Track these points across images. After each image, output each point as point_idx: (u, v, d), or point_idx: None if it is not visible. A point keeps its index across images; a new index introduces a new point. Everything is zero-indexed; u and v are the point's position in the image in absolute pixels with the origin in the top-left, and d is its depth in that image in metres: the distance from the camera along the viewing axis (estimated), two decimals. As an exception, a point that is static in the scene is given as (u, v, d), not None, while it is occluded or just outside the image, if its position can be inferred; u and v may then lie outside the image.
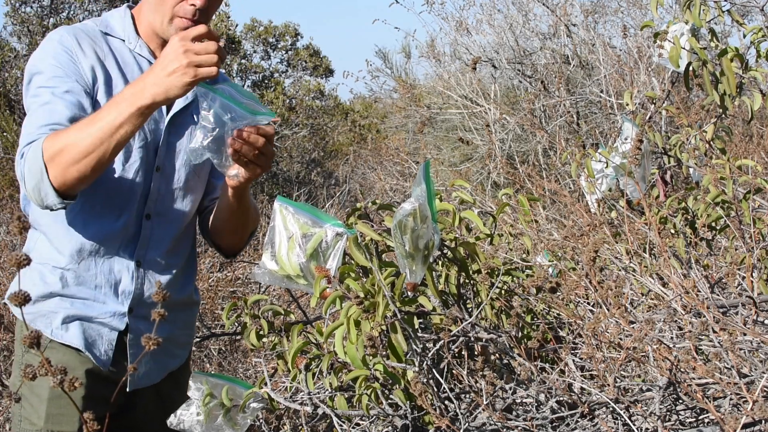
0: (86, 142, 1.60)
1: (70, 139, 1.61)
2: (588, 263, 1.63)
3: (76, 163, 1.61)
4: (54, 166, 1.61)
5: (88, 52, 1.77)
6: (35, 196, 1.65)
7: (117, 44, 1.83)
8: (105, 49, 1.80)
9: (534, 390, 1.58)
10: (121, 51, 1.83)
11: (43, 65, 1.74)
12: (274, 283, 1.66)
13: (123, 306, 1.81)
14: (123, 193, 1.80)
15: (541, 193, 4.29)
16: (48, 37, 1.79)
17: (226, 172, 1.72)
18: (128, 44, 1.83)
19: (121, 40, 1.83)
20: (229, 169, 1.70)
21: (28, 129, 1.69)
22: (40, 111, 1.70)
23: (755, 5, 3.50)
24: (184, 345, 1.98)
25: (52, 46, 1.76)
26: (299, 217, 1.63)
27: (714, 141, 2.40)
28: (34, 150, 1.63)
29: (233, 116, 1.59)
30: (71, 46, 1.76)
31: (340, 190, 8.78)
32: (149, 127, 1.80)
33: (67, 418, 1.76)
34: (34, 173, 1.63)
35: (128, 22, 1.85)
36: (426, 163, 1.48)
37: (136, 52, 1.83)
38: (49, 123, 1.67)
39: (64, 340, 1.78)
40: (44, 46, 1.77)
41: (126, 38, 1.84)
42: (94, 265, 1.80)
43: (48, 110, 1.69)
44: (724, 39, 6.46)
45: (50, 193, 1.63)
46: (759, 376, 1.40)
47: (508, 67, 7.20)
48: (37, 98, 1.72)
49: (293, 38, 11.33)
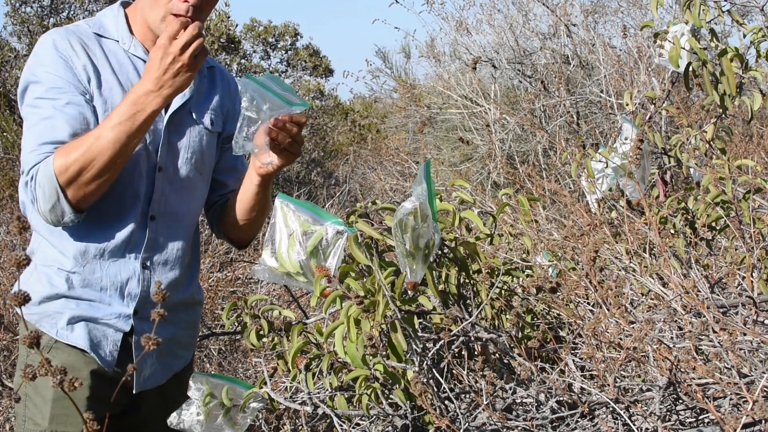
0: (101, 161, 1.64)
1: (82, 160, 1.64)
2: (588, 263, 1.63)
3: (93, 182, 1.66)
4: (72, 188, 1.66)
5: (81, 56, 1.75)
6: (51, 217, 1.69)
7: (111, 45, 1.81)
8: (98, 52, 1.78)
9: (534, 390, 1.58)
10: (115, 52, 1.81)
11: (41, 73, 1.74)
12: (273, 280, 1.66)
13: (128, 308, 1.81)
14: (125, 197, 1.79)
15: (541, 193, 4.30)
16: (41, 41, 1.77)
17: (261, 160, 1.73)
18: (122, 45, 1.82)
19: (114, 41, 1.82)
20: (263, 157, 1.72)
21: (30, 146, 1.70)
22: (42, 126, 1.70)
23: (755, 5, 3.50)
24: (188, 346, 1.98)
25: (47, 52, 1.74)
26: (300, 215, 1.63)
27: (714, 141, 2.40)
28: (44, 173, 1.65)
29: (270, 106, 1.63)
30: (65, 50, 1.74)
31: (340, 190, 8.78)
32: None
33: (71, 419, 1.76)
34: (49, 196, 1.66)
35: (121, 21, 1.83)
36: (426, 162, 1.48)
37: (130, 53, 1.82)
38: (51, 140, 1.68)
39: (69, 341, 1.78)
40: (39, 52, 1.76)
41: (120, 39, 1.82)
42: (99, 268, 1.79)
43: (50, 126, 1.69)
44: (724, 39, 6.46)
45: (67, 211, 1.68)
46: (759, 376, 1.40)
47: (508, 67, 7.20)
48: (37, 110, 1.72)
49: (293, 38, 11.33)
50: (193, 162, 1.87)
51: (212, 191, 2.00)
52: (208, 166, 1.93)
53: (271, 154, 1.72)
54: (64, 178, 1.65)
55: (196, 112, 1.89)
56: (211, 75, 1.97)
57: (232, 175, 2.00)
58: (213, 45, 9.00)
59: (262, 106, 1.63)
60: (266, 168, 1.77)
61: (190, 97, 1.87)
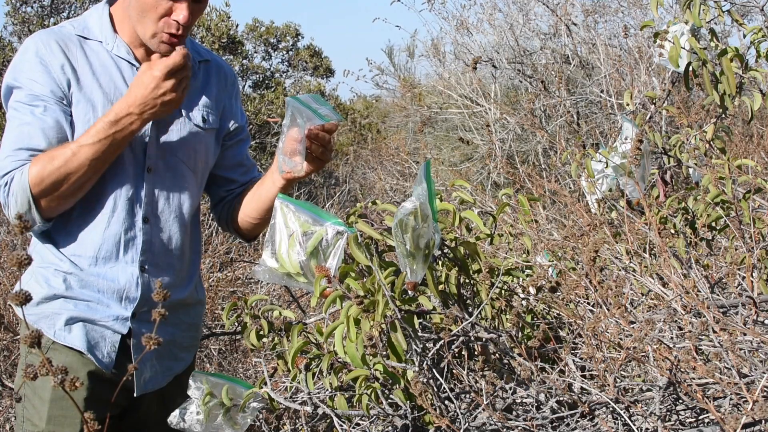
0: (76, 176, 1.68)
1: (57, 174, 1.67)
2: (588, 263, 1.63)
3: (66, 195, 1.70)
4: (44, 200, 1.69)
5: (62, 61, 1.75)
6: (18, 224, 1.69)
7: (94, 47, 1.80)
8: (79, 55, 1.78)
9: (534, 390, 1.58)
10: (98, 54, 1.80)
11: (22, 79, 1.75)
12: (273, 281, 1.66)
13: (126, 311, 1.80)
14: (116, 201, 1.78)
15: (541, 193, 4.30)
16: (25, 46, 1.78)
17: (290, 166, 1.77)
18: (105, 45, 1.81)
19: (98, 42, 1.81)
20: (292, 162, 1.76)
21: (7, 150, 1.73)
22: (18, 131, 1.73)
23: (755, 5, 3.50)
24: (189, 348, 1.96)
25: (28, 58, 1.76)
26: (300, 215, 1.63)
27: (714, 141, 2.40)
28: (19, 183, 1.68)
29: (306, 118, 1.71)
30: (46, 56, 1.75)
31: (340, 190, 8.78)
32: None
33: (69, 420, 1.76)
34: (21, 205, 1.69)
35: (105, 21, 1.82)
36: (427, 162, 1.48)
37: (113, 54, 1.81)
38: (26, 147, 1.71)
39: (67, 342, 1.77)
40: (21, 57, 1.77)
41: (103, 39, 1.81)
42: (95, 272, 1.78)
43: (26, 133, 1.72)
44: (724, 39, 6.46)
45: (37, 220, 1.71)
46: (759, 376, 1.40)
47: (509, 67, 7.20)
48: (17, 114, 1.74)
49: (294, 38, 11.32)
50: (185, 161, 1.85)
51: (219, 187, 1.99)
52: (202, 164, 1.91)
53: (303, 161, 1.76)
54: (38, 190, 1.68)
55: (186, 109, 1.86)
56: (206, 70, 1.94)
57: (238, 170, 1.99)
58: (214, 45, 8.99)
59: (298, 119, 1.71)
60: (293, 174, 1.79)
61: None
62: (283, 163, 1.76)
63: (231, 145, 1.98)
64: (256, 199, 1.92)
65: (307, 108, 1.71)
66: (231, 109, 1.96)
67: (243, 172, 1.99)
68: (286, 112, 1.72)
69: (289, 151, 1.74)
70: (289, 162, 1.75)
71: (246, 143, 2.01)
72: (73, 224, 1.78)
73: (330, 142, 1.77)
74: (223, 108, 1.95)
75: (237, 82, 2.02)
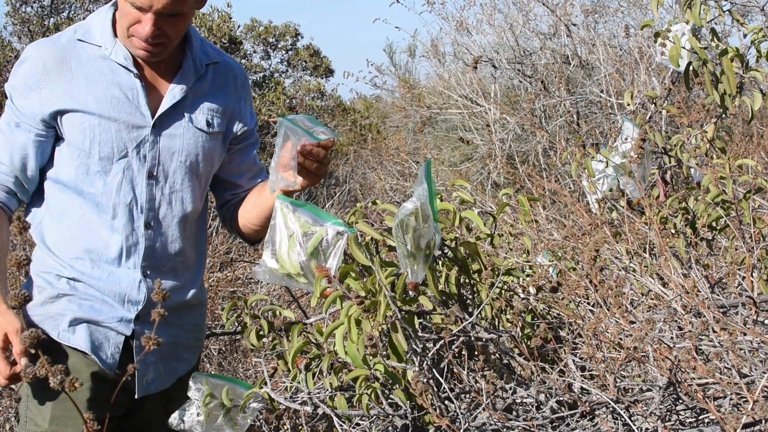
0: None
1: None
2: (588, 263, 1.63)
3: None
4: None
5: (53, 76, 1.76)
6: None
7: (92, 51, 1.79)
8: (74, 64, 1.77)
9: (534, 390, 1.58)
10: (95, 59, 1.79)
11: (13, 89, 1.80)
12: (274, 282, 1.66)
13: (130, 313, 1.80)
14: (117, 208, 1.78)
15: (541, 193, 4.30)
16: (24, 54, 1.80)
17: (285, 185, 1.77)
18: (104, 50, 1.79)
19: (97, 47, 1.79)
20: (288, 177, 1.76)
21: None
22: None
23: (755, 5, 3.50)
24: (193, 349, 1.95)
25: (23, 69, 1.78)
26: (300, 216, 1.63)
27: (714, 141, 2.40)
28: None
29: (298, 137, 1.71)
30: (38, 73, 1.76)
31: (340, 190, 8.78)
32: (128, 136, 1.77)
33: (72, 421, 1.76)
34: None
35: (107, 25, 1.80)
36: (427, 162, 1.48)
37: (111, 59, 1.79)
38: None
39: (71, 343, 1.77)
40: (18, 67, 1.80)
41: (102, 44, 1.79)
42: (98, 277, 1.78)
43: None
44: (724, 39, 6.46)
45: None
46: (759, 376, 1.40)
47: (509, 67, 7.20)
48: (4, 117, 1.81)
49: (293, 38, 11.32)
50: (188, 165, 1.84)
51: (224, 190, 1.99)
52: (206, 168, 1.89)
53: (296, 176, 1.74)
54: None
55: (190, 113, 1.84)
56: (215, 72, 1.92)
57: (245, 175, 1.98)
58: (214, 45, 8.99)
59: (292, 138, 1.71)
60: (290, 188, 1.77)
61: (184, 98, 1.83)
62: (276, 180, 1.74)
63: (239, 149, 1.96)
64: (258, 206, 1.91)
65: (299, 128, 1.71)
66: (240, 111, 1.94)
67: (249, 177, 1.98)
68: (278, 131, 1.70)
69: (282, 167, 1.72)
70: (282, 180, 1.73)
71: (254, 147, 2.00)
72: (74, 230, 1.78)
73: (325, 157, 1.74)
74: (232, 111, 1.93)
75: (247, 83, 1.99)
